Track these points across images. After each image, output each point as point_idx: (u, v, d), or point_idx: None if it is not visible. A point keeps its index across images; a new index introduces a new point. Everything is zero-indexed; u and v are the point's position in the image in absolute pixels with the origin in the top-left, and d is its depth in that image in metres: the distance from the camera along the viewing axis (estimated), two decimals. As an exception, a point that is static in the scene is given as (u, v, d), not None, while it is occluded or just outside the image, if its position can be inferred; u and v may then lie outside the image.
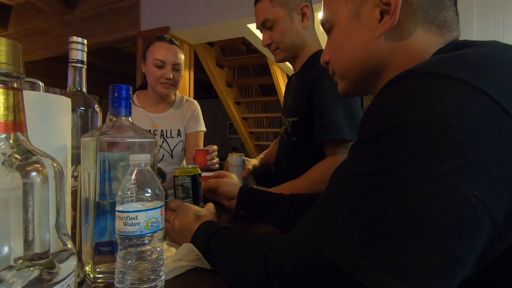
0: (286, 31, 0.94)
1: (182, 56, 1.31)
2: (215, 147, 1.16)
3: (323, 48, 1.00)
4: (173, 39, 1.31)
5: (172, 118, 1.34)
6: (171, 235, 0.61)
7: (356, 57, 0.47)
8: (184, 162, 1.40)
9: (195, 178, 0.69)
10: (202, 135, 1.41)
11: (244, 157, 1.06)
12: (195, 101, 1.44)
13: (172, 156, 1.33)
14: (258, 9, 0.97)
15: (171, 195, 1.33)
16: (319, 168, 0.86)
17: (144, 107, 1.33)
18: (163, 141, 1.31)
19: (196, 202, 0.69)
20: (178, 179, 0.69)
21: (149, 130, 1.31)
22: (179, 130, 1.34)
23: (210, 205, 0.67)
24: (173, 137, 1.33)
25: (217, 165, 1.16)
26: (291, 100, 1.02)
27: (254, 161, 1.18)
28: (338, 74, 0.52)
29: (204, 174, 0.77)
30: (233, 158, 1.04)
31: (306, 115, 0.92)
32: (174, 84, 1.28)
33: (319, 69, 0.89)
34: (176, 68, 1.27)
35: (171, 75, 1.25)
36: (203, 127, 1.41)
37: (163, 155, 1.31)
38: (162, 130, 1.31)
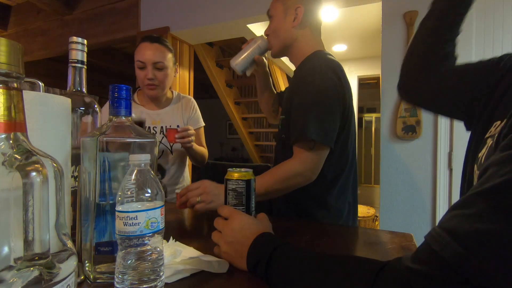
0: (277, 26, 0.99)
1: (168, 55, 1.27)
2: (191, 130, 1.19)
3: (325, 49, 1.03)
4: (160, 38, 1.28)
5: (171, 114, 1.36)
6: (223, 247, 0.54)
7: None
8: (206, 151, 1.41)
9: (249, 184, 0.61)
10: (202, 130, 1.44)
11: (266, 39, 1.06)
12: (192, 97, 1.47)
13: (171, 152, 1.34)
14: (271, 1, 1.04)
15: (170, 192, 1.34)
16: (283, 166, 0.88)
17: (143, 105, 1.35)
18: (163, 137, 1.32)
19: (249, 211, 0.61)
20: (232, 183, 0.61)
21: (149, 127, 1.32)
22: (178, 126, 1.36)
23: (264, 216, 0.60)
24: None
25: (189, 144, 1.18)
26: (285, 98, 1.06)
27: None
28: None
29: None
30: (262, 40, 1.05)
31: (290, 114, 0.94)
32: (158, 84, 1.25)
33: (306, 69, 0.92)
34: (157, 67, 1.23)
35: (153, 75, 1.22)
36: (202, 123, 1.44)
37: (163, 151, 1.33)
38: (162, 127, 1.33)
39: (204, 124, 1.45)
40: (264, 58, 1.12)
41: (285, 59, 3.46)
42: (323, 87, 0.87)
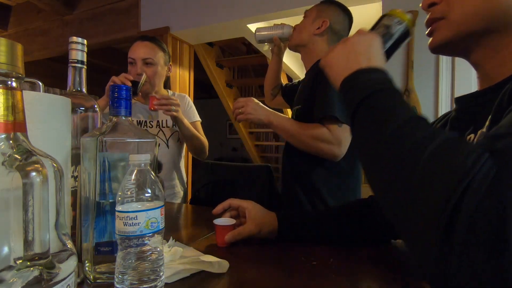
0: (303, 26, 1.13)
1: (159, 52, 1.30)
2: (173, 100, 1.21)
3: None
4: (153, 38, 1.32)
5: None
6: (336, 48, 0.47)
7: (497, 2, 0.38)
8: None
9: (406, 32, 0.53)
10: (199, 124, 1.44)
11: (291, 34, 1.19)
12: (186, 95, 1.50)
13: (168, 146, 1.35)
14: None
15: (168, 187, 1.35)
16: (315, 126, 0.93)
17: (140, 100, 1.37)
18: (159, 131, 1.34)
19: (388, 55, 0.53)
20: (388, 19, 0.53)
21: (145, 121, 1.33)
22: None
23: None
24: (168, 127, 1.36)
25: (170, 113, 1.19)
26: (298, 92, 1.15)
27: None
28: (452, 18, 0.42)
29: (219, 222, 0.68)
30: (287, 28, 1.20)
31: (308, 102, 1.01)
32: (147, 80, 1.28)
33: None
34: (147, 62, 1.26)
35: (141, 70, 1.25)
36: (198, 118, 1.45)
37: (159, 145, 1.33)
38: (158, 121, 1.35)
39: (199, 119, 1.46)
40: (281, 44, 1.26)
41: (287, 61, 3.46)
42: None
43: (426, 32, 0.49)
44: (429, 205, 0.28)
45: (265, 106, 1.01)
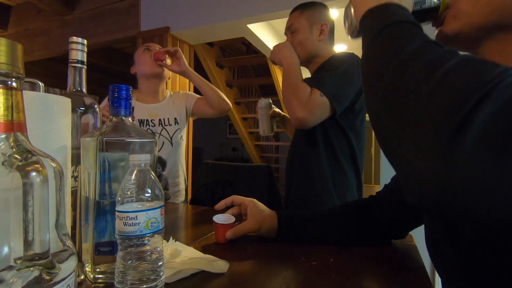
0: (304, 39, 1.08)
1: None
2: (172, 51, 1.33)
3: (336, 52, 1.10)
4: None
5: (168, 107, 1.40)
6: None
7: None
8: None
9: (435, 8, 0.48)
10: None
11: (270, 100, 1.26)
12: (181, 90, 1.55)
13: (171, 144, 1.35)
14: (290, 16, 1.13)
15: (172, 185, 1.35)
16: (304, 84, 0.97)
17: (140, 99, 1.38)
18: (162, 129, 1.35)
19: None
20: None
21: (147, 120, 1.34)
22: (175, 118, 1.39)
23: None
24: (171, 125, 1.37)
25: (168, 61, 1.33)
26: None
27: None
28: (463, 8, 0.41)
29: (218, 219, 0.68)
30: (261, 101, 1.24)
31: None
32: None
33: (333, 58, 1.06)
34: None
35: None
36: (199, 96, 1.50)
37: (163, 143, 1.35)
38: (160, 119, 1.36)
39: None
40: (276, 110, 1.28)
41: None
42: (349, 66, 0.98)
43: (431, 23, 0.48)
44: (448, 102, 0.27)
45: (292, 50, 1.05)
